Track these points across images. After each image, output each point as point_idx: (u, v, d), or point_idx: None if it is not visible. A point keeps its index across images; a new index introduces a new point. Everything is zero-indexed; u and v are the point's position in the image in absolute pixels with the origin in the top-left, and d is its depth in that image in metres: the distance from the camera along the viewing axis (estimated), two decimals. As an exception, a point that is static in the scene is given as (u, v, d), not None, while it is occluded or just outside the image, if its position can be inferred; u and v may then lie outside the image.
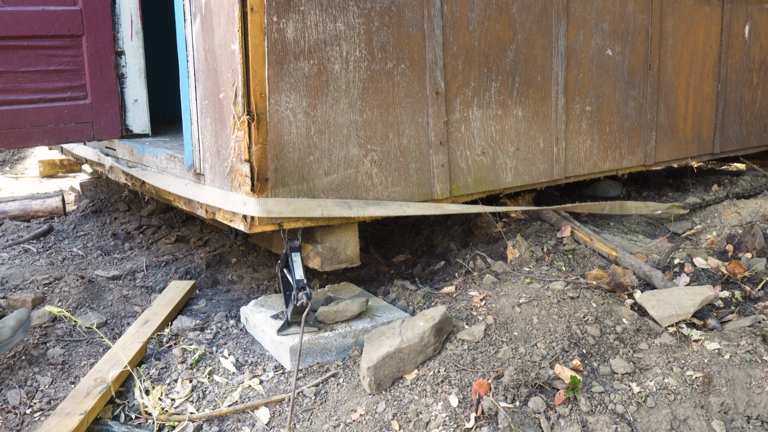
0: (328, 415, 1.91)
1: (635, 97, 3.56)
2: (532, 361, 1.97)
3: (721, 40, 4.03)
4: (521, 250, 2.84)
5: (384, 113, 2.52)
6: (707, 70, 4.01)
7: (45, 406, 2.12)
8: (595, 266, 2.77)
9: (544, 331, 2.12)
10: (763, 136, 4.59)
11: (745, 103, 4.36)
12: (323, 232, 2.50)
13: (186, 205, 2.76)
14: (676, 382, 1.84)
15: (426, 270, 3.05)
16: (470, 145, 2.84)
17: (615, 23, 3.35)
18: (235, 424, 1.96)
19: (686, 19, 3.76)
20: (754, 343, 1.99)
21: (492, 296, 2.40)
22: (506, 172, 3.01)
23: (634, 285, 2.53)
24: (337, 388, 2.04)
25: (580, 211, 3.43)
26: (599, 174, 3.54)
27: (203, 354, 2.33)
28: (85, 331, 2.59)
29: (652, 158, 3.76)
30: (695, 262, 2.79)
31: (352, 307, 2.28)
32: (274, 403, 2.03)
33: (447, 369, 1.98)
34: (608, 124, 3.45)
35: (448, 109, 2.73)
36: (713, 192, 4.20)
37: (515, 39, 2.92)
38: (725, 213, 3.53)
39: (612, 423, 1.73)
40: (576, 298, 2.33)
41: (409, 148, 2.62)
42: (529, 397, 1.83)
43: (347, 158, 2.44)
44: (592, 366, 1.96)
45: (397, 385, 1.97)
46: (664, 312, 2.19)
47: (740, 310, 2.40)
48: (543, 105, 3.10)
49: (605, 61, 3.35)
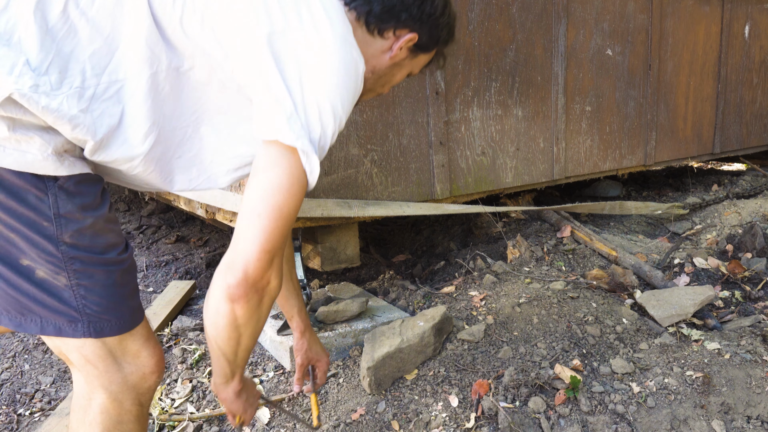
0: (328, 415, 1.91)
1: (635, 97, 3.56)
2: (532, 361, 1.97)
3: (721, 40, 4.03)
4: (521, 250, 2.84)
5: (384, 113, 2.52)
6: (707, 70, 4.01)
7: (45, 406, 2.12)
8: (595, 266, 2.77)
9: (544, 331, 2.12)
10: (763, 136, 4.59)
11: (745, 103, 4.36)
12: (323, 232, 2.50)
13: (186, 205, 2.76)
14: (676, 382, 1.84)
15: (426, 270, 3.05)
16: (470, 145, 2.84)
17: (615, 23, 3.35)
18: (235, 424, 1.96)
19: (686, 19, 3.76)
20: (754, 343, 1.99)
21: (492, 296, 2.40)
22: (506, 172, 3.01)
23: (634, 285, 2.52)
24: (337, 388, 2.04)
25: (580, 211, 3.43)
26: (599, 174, 3.54)
27: (203, 354, 2.33)
28: (85, 331, 2.59)
29: (652, 158, 3.76)
30: (695, 262, 2.79)
31: (352, 307, 2.28)
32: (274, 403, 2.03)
33: (447, 369, 1.98)
34: (608, 124, 3.45)
35: (448, 109, 2.73)
36: (713, 192, 4.20)
37: (515, 39, 2.92)
38: (725, 213, 3.53)
39: (612, 423, 1.73)
40: (576, 298, 2.33)
41: (409, 148, 2.62)
42: (529, 397, 1.83)
43: (347, 158, 2.44)
44: (592, 366, 1.96)
45: (397, 385, 1.97)
46: (664, 312, 2.19)
47: (740, 310, 2.40)
48: (543, 105, 3.10)
49: (605, 61, 3.35)
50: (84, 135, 1.05)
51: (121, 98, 1.08)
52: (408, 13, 1.32)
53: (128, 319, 1.18)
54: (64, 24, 1.04)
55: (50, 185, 1.05)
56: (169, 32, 1.10)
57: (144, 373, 1.23)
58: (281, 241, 1.10)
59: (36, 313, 1.11)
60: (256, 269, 1.07)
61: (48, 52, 1.02)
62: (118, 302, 1.15)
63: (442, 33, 1.42)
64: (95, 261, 1.11)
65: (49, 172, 1.04)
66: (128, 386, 1.22)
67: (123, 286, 1.16)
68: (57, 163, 1.05)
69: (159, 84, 1.11)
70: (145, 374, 1.23)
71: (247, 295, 1.09)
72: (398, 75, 1.43)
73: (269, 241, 1.07)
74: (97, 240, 1.11)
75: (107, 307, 1.14)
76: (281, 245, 1.10)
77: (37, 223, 1.05)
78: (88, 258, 1.10)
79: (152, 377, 1.25)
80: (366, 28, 1.31)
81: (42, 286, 1.09)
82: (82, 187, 1.09)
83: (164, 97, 1.12)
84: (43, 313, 1.11)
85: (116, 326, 1.16)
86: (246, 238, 1.07)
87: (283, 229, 1.08)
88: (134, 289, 1.20)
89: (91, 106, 1.05)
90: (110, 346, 1.18)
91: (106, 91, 1.07)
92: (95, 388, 1.20)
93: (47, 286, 1.09)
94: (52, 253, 1.07)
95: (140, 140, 1.11)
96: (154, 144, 1.14)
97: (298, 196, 1.10)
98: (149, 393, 1.26)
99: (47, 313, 1.11)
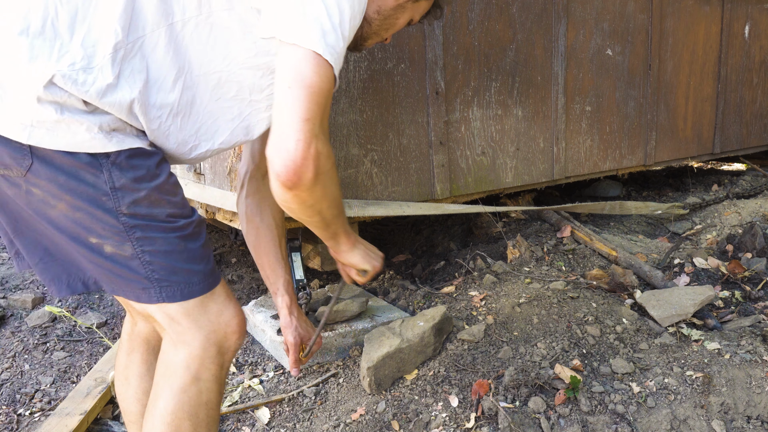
0: (328, 415, 1.91)
1: (635, 97, 3.55)
2: (532, 361, 1.97)
3: (721, 40, 4.03)
4: (521, 250, 2.84)
5: (384, 113, 2.52)
6: (707, 70, 4.01)
7: (45, 406, 2.12)
8: (595, 266, 2.77)
9: (544, 331, 2.12)
10: (763, 136, 4.59)
11: (745, 103, 4.36)
12: (323, 232, 2.50)
13: (186, 205, 2.76)
14: (676, 382, 1.84)
15: (426, 270, 3.05)
16: (470, 144, 2.84)
17: (615, 23, 3.35)
18: (235, 424, 1.96)
19: (686, 19, 3.76)
20: (754, 343, 1.99)
21: (492, 296, 2.40)
22: (506, 171, 3.01)
23: (634, 285, 2.52)
24: (337, 388, 2.04)
25: (580, 211, 3.43)
26: (599, 174, 3.54)
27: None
28: (85, 331, 2.59)
29: (652, 158, 3.76)
30: (695, 262, 2.79)
31: (352, 307, 2.28)
32: (274, 403, 2.03)
33: (447, 369, 1.98)
34: (608, 124, 3.45)
35: (448, 109, 2.73)
36: (713, 192, 4.20)
37: (515, 39, 2.92)
38: (725, 213, 3.53)
39: (612, 423, 1.73)
40: (576, 298, 2.33)
41: (409, 148, 2.61)
42: (529, 397, 1.83)
43: (347, 158, 2.44)
44: (592, 366, 1.96)
45: (397, 385, 1.97)
46: (664, 312, 2.19)
47: (740, 310, 2.40)
48: (543, 105, 3.10)
49: (605, 61, 3.35)
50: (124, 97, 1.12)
51: (144, 53, 1.14)
52: None
53: (198, 283, 1.23)
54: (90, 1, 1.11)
55: (103, 162, 1.12)
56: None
57: (226, 332, 1.28)
58: (319, 111, 1.09)
59: (116, 284, 1.21)
60: (300, 141, 1.07)
61: (80, 30, 1.09)
62: (183, 267, 1.20)
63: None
64: (154, 228, 1.17)
65: (99, 149, 1.10)
66: (210, 343, 1.26)
67: (185, 252, 1.20)
68: (105, 141, 1.11)
69: (177, 33, 1.17)
70: (227, 333, 1.28)
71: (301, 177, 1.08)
72: (401, 19, 1.45)
73: (307, 110, 1.07)
74: (154, 209, 1.17)
75: (173, 272, 1.19)
76: (320, 115, 1.10)
77: (96, 198, 1.12)
78: (147, 225, 1.16)
79: (233, 337, 1.29)
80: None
81: (113, 260, 1.17)
82: (133, 161, 1.15)
83: (186, 44, 1.18)
84: (120, 283, 1.20)
85: (187, 291, 1.21)
86: (282, 114, 1.08)
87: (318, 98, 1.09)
88: (201, 255, 1.24)
89: (123, 68, 1.12)
90: (191, 305, 1.23)
91: (132, 49, 1.13)
92: (179, 343, 1.26)
93: (117, 259, 1.17)
94: (114, 225, 1.14)
95: (170, 86, 1.18)
96: (184, 88, 1.20)
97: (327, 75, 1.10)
98: (230, 353, 1.31)
99: (123, 283, 1.20)
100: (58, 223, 1.15)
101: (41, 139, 1.06)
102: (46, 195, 1.12)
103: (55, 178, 1.09)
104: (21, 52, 1.05)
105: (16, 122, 1.06)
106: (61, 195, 1.11)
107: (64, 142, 1.08)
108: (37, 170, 1.09)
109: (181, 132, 1.25)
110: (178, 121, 1.23)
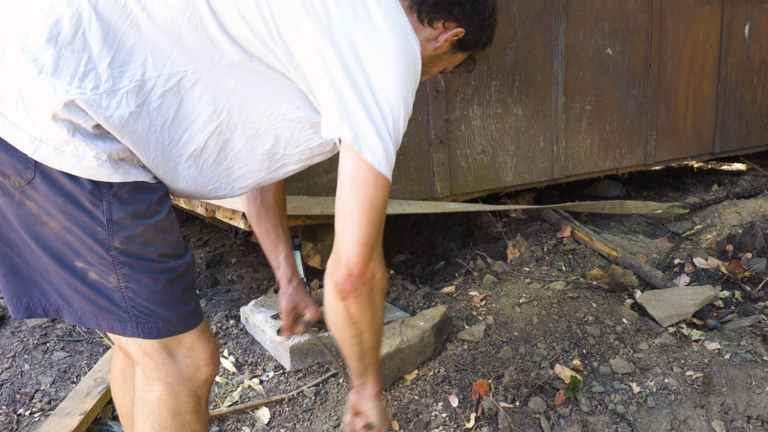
0: (328, 415, 1.91)
1: (635, 96, 3.55)
2: (532, 361, 1.97)
3: (721, 40, 4.03)
4: (521, 250, 2.84)
5: (384, 112, 2.51)
6: (707, 70, 4.00)
7: (45, 406, 2.12)
8: (595, 266, 2.76)
9: (544, 331, 2.12)
10: (763, 135, 4.59)
11: (745, 103, 4.36)
12: (324, 231, 2.49)
13: (186, 204, 2.76)
14: (676, 382, 1.84)
15: (426, 270, 3.05)
16: (470, 143, 2.84)
17: (615, 22, 3.35)
18: (235, 424, 1.96)
19: (686, 18, 3.76)
20: (754, 343, 1.99)
21: (492, 296, 2.40)
22: (506, 170, 3.01)
23: (634, 285, 2.52)
24: (337, 388, 2.04)
25: (580, 210, 3.43)
26: (599, 173, 3.53)
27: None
28: (85, 331, 2.59)
29: (652, 157, 3.76)
30: (695, 262, 2.79)
31: (352, 307, 2.27)
32: (274, 403, 2.02)
33: (447, 369, 1.98)
34: (608, 123, 3.45)
35: (448, 108, 2.72)
36: (713, 192, 4.20)
37: (515, 37, 2.91)
38: (725, 213, 3.53)
39: (612, 423, 1.73)
40: (576, 298, 2.33)
41: (409, 147, 2.61)
42: (529, 397, 1.83)
43: (347, 158, 2.43)
44: (592, 366, 1.96)
45: (397, 385, 1.96)
46: (664, 312, 2.19)
47: (740, 310, 2.40)
48: (543, 104, 3.09)
49: (605, 60, 3.35)
50: (144, 128, 1.09)
51: (181, 90, 1.12)
52: (461, 8, 1.37)
53: (177, 324, 1.21)
54: (126, 19, 1.08)
55: (105, 191, 1.08)
56: (231, 28, 1.12)
57: (198, 365, 1.27)
58: (376, 233, 1.19)
59: (92, 312, 1.17)
60: (358, 263, 1.17)
61: (110, 48, 1.06)
62: (166, 308, 1.18)
63: (485, 35, 1.46)
64: (143, 267, 1.14)
65: (103, 178, 1.07)
66: (183, 378, 1.26)
67: (170, 294, 1.18)
68: (111, 170, 1.07)
69: (222, 76, 1.14)
70: (200, 366, 1.27)
71: (356, 289, 1.19)
72: (435, 68, 1.46)
73: (365, 235, 1.16)
74: (147, 248, 1.14)
75: (154, 311, 1.17)
76: (377, 236, 1.20)
77: (90, 227, 1.09)
78: (137, 264, 1.13)
79: (206, 369, 1.29)
80: (417, 15, 1.36)
81: (95, 287, 1.14)
82: (136, 195, 1.12)
83: (231, 88, 1.15)
84: (96, 312, 1.16)
85: (164, 330, 1.20)
86: (344, 237, 1.16)
87: (375, 221, 1.17)
88: (185, 298, 1.22)
89: (149, 100, 1.09)
90: (166, 341, 1.22)
91: (167, 82, 1.10)
92: (153, 380, 1.25)
93: (99, 287, 1.14)
94: (103, 257, 1.11)
95: (201, 126, 1.16)
96: (217, 132, 1.17)
97: (384, 188, 1.16)
98: (205, 385, 1.31)
99: (100, 312, 1.16)
100: (46, 240, 1.11)
101: (47, 156, 1.03)
102: (39, 210, 1.08)
103: (53, 197, 1.06)
104: (47, 61, 1.02)
105: (26, 133, 1.02)
106: (55, 214, 1.08)
107: (68, 165, 1.04)
108: (37, 185, 1.05)
109: (201, 174, 1.22)
110: (200, 162, 1.20)
